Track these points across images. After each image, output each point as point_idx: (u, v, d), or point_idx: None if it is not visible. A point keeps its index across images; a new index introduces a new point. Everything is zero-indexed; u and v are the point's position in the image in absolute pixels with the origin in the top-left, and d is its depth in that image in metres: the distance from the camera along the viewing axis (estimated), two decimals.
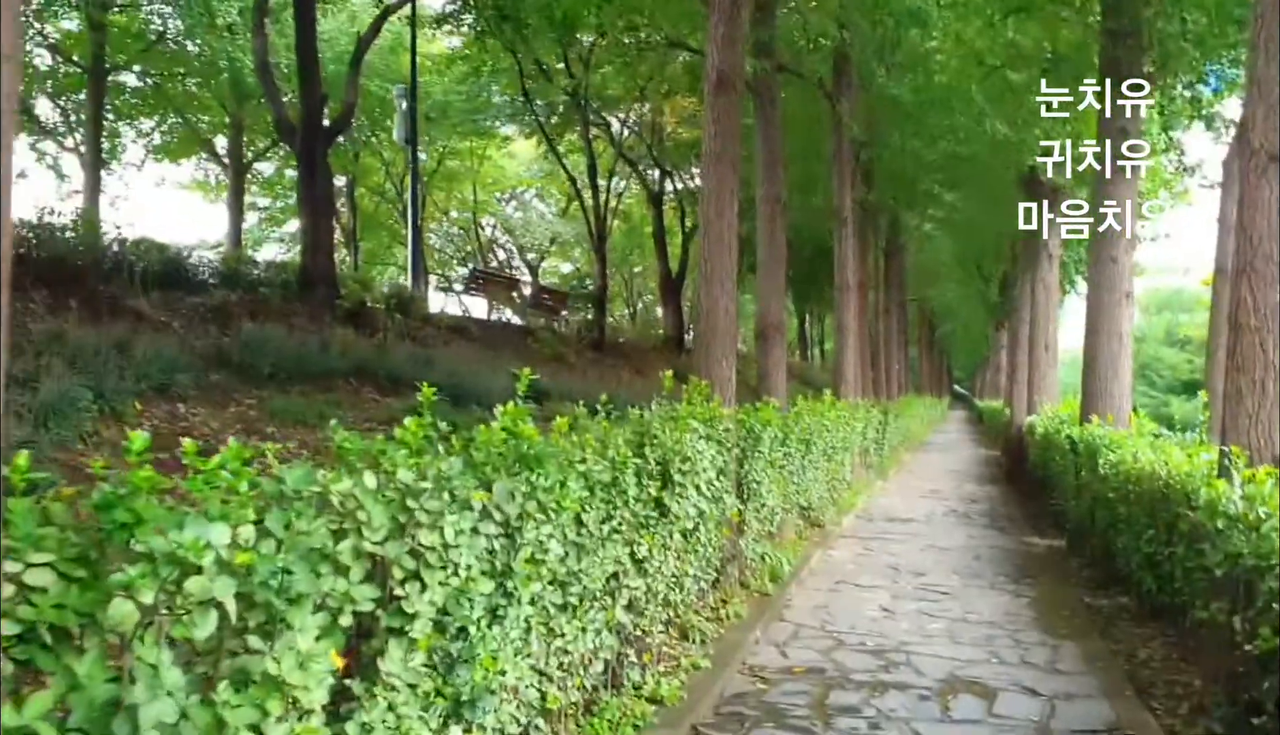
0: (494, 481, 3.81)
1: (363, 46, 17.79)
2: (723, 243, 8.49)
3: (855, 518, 14.47)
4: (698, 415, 7.21)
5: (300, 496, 2.92)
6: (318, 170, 15.55)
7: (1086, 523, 11.12)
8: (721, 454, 7.52)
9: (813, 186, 22.94)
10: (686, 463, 6.29)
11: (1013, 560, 11.36)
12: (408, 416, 3.57)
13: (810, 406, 13.15)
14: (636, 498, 5.45)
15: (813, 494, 12.71)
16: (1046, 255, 18.98)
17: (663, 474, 5.97)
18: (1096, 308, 12.25)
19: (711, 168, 8.49)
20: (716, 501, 7.39)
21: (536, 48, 23.26)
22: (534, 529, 4.05)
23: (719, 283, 8.50)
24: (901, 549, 11.84)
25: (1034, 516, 15.11)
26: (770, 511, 9.86)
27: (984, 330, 48.15)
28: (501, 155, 38.76)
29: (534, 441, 4.10)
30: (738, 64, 8.53)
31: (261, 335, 11.47)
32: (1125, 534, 9.04)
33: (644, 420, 5.95)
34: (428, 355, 14.04)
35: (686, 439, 6.43)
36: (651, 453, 5.78)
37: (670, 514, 6.03)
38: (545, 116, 27.53)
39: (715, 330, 8.50)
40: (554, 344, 21.12)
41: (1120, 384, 12.19)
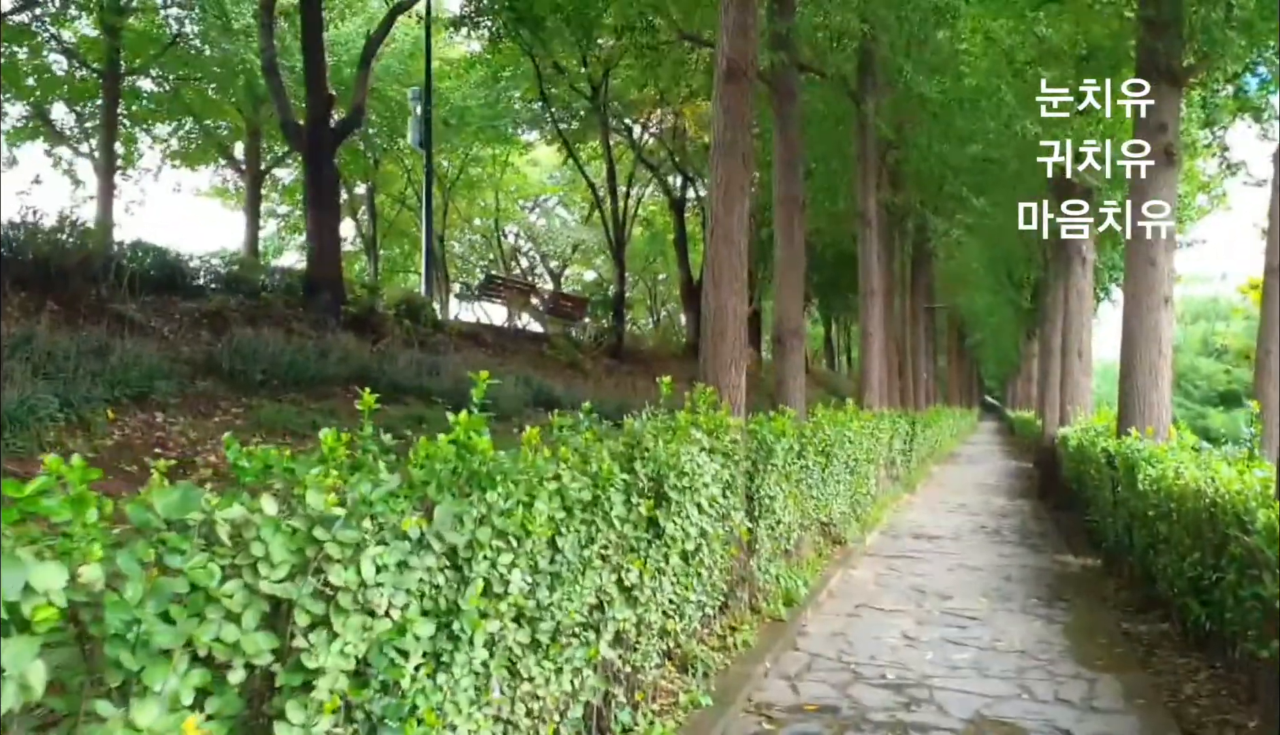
0: (437, 504, 3.28)
1: (372, 46, 17.37)
2: (731, 241, 7.94)
3: (880, 534, 13.84)
4: (701, 425, 6.66)
5: (175, 526, 2.40)
6: (324, 173, 15.11)
7: (1124, 541, 10.46)
8: (728, 467, 6.96)
9: (836, 189, 22.34)
10: (684, 478, 5.72)
11: (1045, 581, 10.71)
12: (408, 426, 3.08)
13: (831, 416, 12.56)
14: (624, 518, 4.90)
15: (834, 509, 12.11)
16: (1080, 260, 18.28)
17: (656, 491, 5.41)
18: (1134, 313, 11.57)
19: (720, 160, 7.94)
20: (722, 519, 6.83)
21: (555, 50, 22.87)
22: (489, 559, 3.51)
23: (727, 283, 7.94)
24: (928, 568, 11.21)
25: (1067, 533, 14.42)
26: (786, 529, 9.28)
27: (1015, 339, 47.25)
28: (524, 162, 38.42)
29: (488, 456, 3.55)
30: (749, 51, 7.97)
31: (255, 341, 11.01)
32: (1167, 555, 8.41)
33: (635, 431, 5.38)
34: (434, 362, 13.54)
35: (685, 451, 5.87)
36: (643, 467, 5.22)
37: (666, 535, 5.47)
38: (565, 121, 27.11)
39: (723, 333, 7.94)
40: (570, 351, 20.60)
41: (1160, 394, 11.51)
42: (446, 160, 34.64)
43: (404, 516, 3.04)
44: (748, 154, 8.01)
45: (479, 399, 3.78)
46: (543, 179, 40.90)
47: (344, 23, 24.57)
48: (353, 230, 36.92)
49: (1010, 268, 32.58)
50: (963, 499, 19.30)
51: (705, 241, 8.15)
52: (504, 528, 3.61)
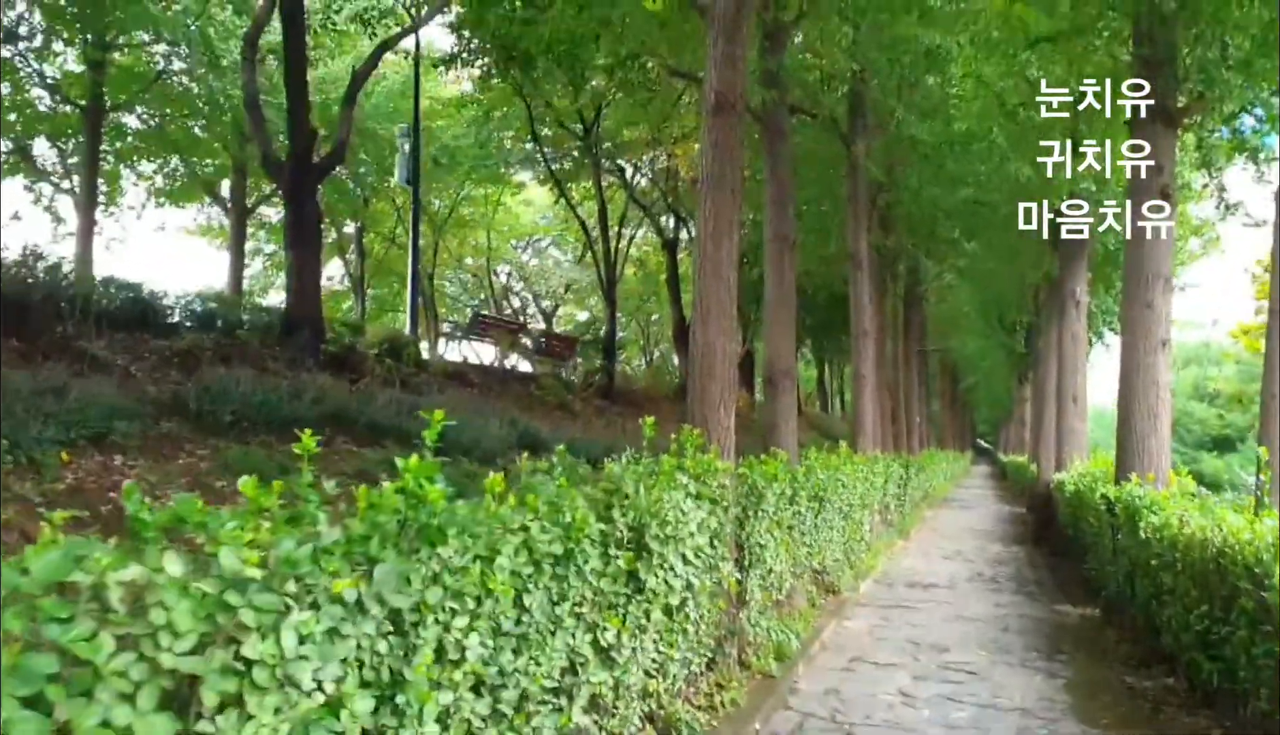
0: (380, 562, 2.93)
1: (357, 82, 17.15)
2: (720, 277, 7.64)
3: (874, 582, 13.45)
4: (688, 469, 6.32)
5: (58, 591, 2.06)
6: (306, 209, 14.81)
7: (1125, 591, 10.10)
8: (716, 514, 6.61)
9: (828, 231, 22.14)
10: (668, 526, 5.38)
11: (1044, 632, 10.33)
12: (384, 470, 2.77)
13: (824, 459, 12.24)
14: (601, 572, 4.55)
15: (827, 557, 11.75)
16: (1074, 303, 18.03)
17: (637, 541, 5.07)
18: (1131, 357, 11.28)
19: (709, 194, 7.65)
20: (710, 570, 6.48)
21: (546, 90, 22.71)
22: (441, 622, 3.16)
23: (716, 320, 7.63)
24: (923, 619, 10.82)
25: (1064, 581, 14.05)
26: (778, 578, 8.92)
27: (1007, 383, 47.07)
28: (517, 202, 38.30)
29: (439, 508, 3.21)
30: (738, 83, 7.72)
31: (225, 380, 10.64)
32: (1171, 607, 8.06)
33: (614, 476, 5.03)
34: (414, 403, 13.17)
35: (669, 498, 5.52)
36: (622, 516, 4.88)
37: (647, 589, 5.11)
38: (556, 161, 26.96)
39: (712, 373, 7.61)
40: (559, 392, 20.27)
41: (1159, 439, 11.20)
42: (438, 199, 34.49)
43: (338, 578, 2.69)
44: (736, 188, 7.73)
45: (432, 440, 3.44)
46: (536, 219, 40.78)
47: (333, 61, 24.43)
48: (341, 269, 36.68)
49: (1002, 312, 32.42)
50: (958, 545, 18.92)
51: (694, 277, 7.84)
52: (459, 587, 3.26)
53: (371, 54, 17.25)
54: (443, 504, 3.22)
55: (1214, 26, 9.20)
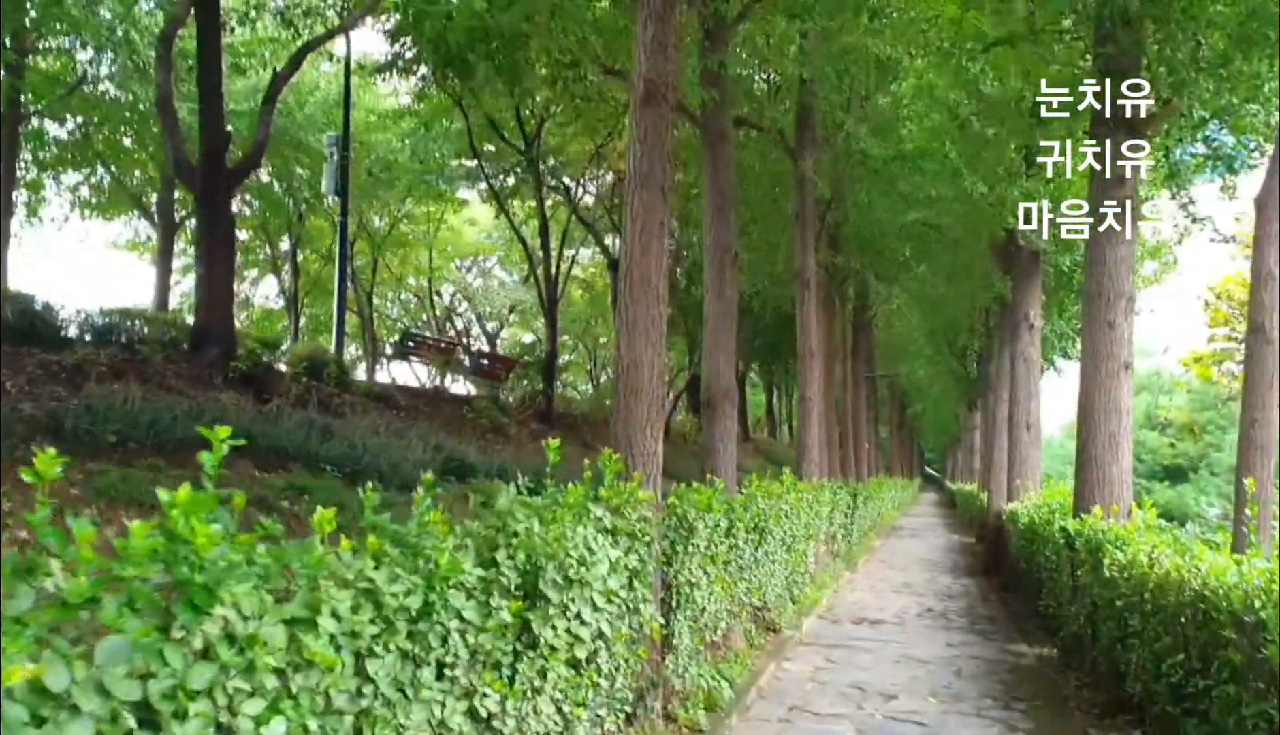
0: (116, 633, 2.07)
1: (279, 81, 16.17)
2: (648, 284, 6.85)
3: (818, 618, 12.69)
4: (604, 500, 5.52)
5: None
6: (218, 215, 13.82)
7: (1085, 632, 9.41)
8: (636, 550, 5.79)
9: (775, 248, 21.51)
10: (571, 568, 4.55)
11: (999, 676, 9.61)
12: (287, 497, 1.94)
13: (766, 487, 11.47)
14: (479, 626, 3.71)
15: (768, 592, 10.97)
16: (1027, 326, 17.48)
17: (531, 587, 4.23)
18: (1092, 380, 10.65)
19: (636, 193, 6.87)
20: (628, 614, 5.65)
21: (486, 103, 21.91)
22: (205, 716, 2.29)
23: (643, 332, 6.83)
24: (870, 661, 10.04)
25: (1018, 617, 13.39)
26: (711, 618, 8.12)
27: (955, 409, 46.76)
28: (462, 221, 37.37)
29: (202, 555, 2.35)
30: (669, 71, 6.97)
31: (109, 397, 9.64)
32: (1139, 651, 7.37)
33: (501, 511, 4.18)
34: (328, 424, 12.25)
35: (575, 534, 4.70)
36: (509, 557, 4.03)
37: (543, 643, 4.27)
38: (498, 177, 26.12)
39: (637, 391, 6.81)
40: (494, 414, 19.35)
41: (1120, 468, 10.56)
42: (378, 217, 33.49)
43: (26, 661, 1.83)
44: (667, 186, 6.96)
45: (213, 464, 2.59)
46: (480, 238, 39.83)
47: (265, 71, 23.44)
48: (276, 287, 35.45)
49: (952, 337, 31.98)
50: (907, 576, 18.25)
51: (619, 286, 7.05)
52: (248, 662, 2.40)
53: (295, 54, 16.30)
54: (215, 551, 2.35)
55: (1186, 24, 8.58)
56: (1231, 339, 30.37)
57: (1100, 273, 10.65)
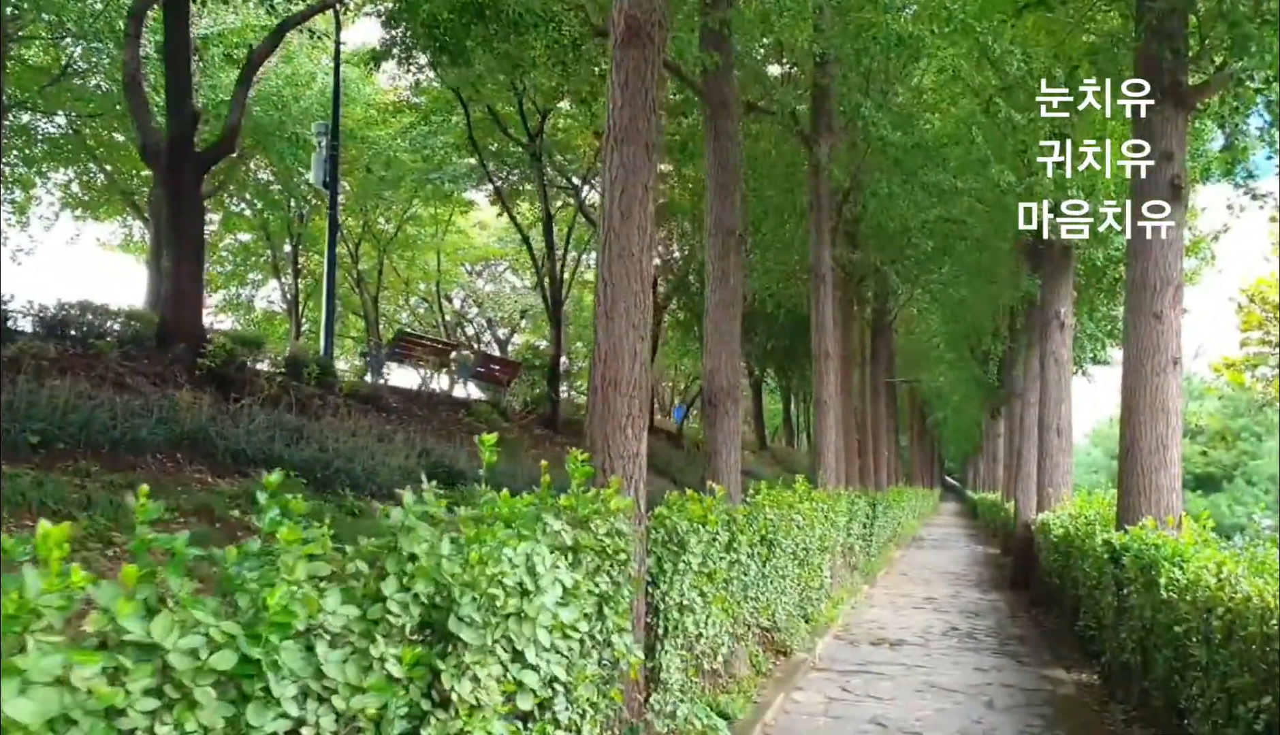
0: None
1: (255, 62, 15.20)
2: (630, 256, 5.84)
3: (834, 638, 11.63)
4: (566, 510, 4.52)
5: None
6: (186, 201, 12.88)
7: (1133, 659, 8.32)
8: (607, 572, 4.78)
9: (790, 246, 20.47)
10: (500, 598, 3.52)
11: (1035, 708, 8.52)
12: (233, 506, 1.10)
13: (776, 496, 10.44)
14: (354, 685, 2.69)
15: (778, 611, 9.92)
16: (1058, 325, 16.34)
17: (442, 628, 3.21)
18: (1136, 378, 9.58)
19: (616, 150, 5.86)
20: (599, 648, 4.65)
21: (487, 93, 21.01)
22: None
23: (624, 313, 5.83)
24: (890, 689, 8.97)
25: (1052, 637, 12.30)
26: (710, 644, 7.09)
27: (977, 417, 45.53)
28: (471, 225, 36.49)
29: None
30: (655, 6, 5.95)
31: (34, 395, 8.66)
32: (1205, 686, 6.29)
33: (392, 526, 3.14)
34: (300, 426, 11.28)
35: (513, 556, 3.68)
36: (401, 589, 3.01)
37: (456, 700, 3.24)
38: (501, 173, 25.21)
39: (616, 382, 5.80)
40: (493, 419, 18.37)
41: (1169, 475, 9.48)
42: (384, 218, 32.62)
43: None
44: (652, 142, 5.93)
45: None
46: (490, 242, 38.92)
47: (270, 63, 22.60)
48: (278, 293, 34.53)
49: (975, 341, 30.84)
50: (929, 591, 17.13)
51: (598, 259, 6.03)
52: None
53: (273, 31, 15.35)
54: None
55: None
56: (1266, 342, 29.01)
57: (1145, 260, 9.60)
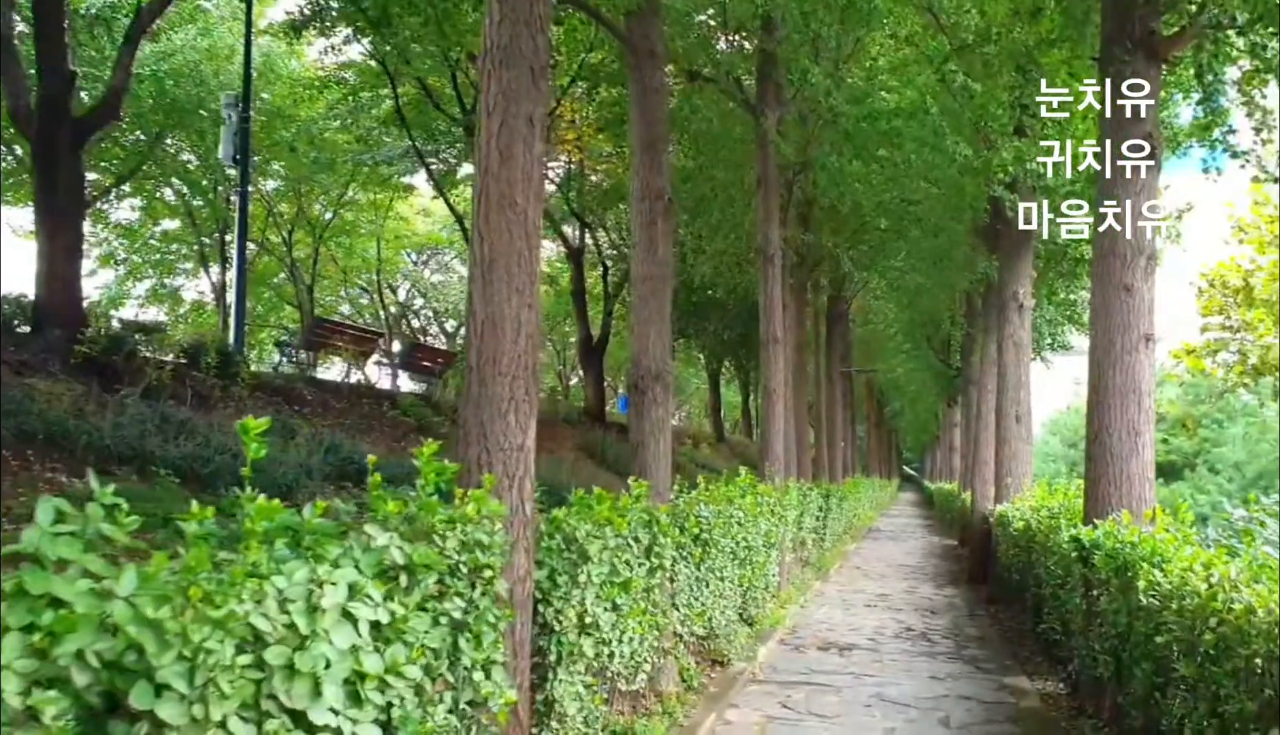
0: None
1: (143, 21, 13.88)
2: (513, 205, 4.81)
3: (779, 643, 10.68)
4: (399, 516, 3.52)
5: None
6: (61, 171, 11.63)
7: (1107, 670, 7.41)
8: (462, 594, 3.77)
9: (739, 229, 19.51)
10: (217, 654, 2.49)
11: (998, 725, 7.62)
12: None
13: (712, 491, 9.49)
14: None
15: (714, 616, 8.96)
16: (1016, 306, 15.51)
17: (109, 700, 2.18)
18: (1105, 356, 8.69)
19: (494, 74, 4.82)
20: (457, 689, 3.64)
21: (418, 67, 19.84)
22: None
23: (503, 276, 4.79)
24: (836, 705, 8.00)
25: (1012, 638, 11.46)
26: (626, 664, 6.09)
27: (934, 407, 45.01)
28: (412, 211, 35.18)
29: None
30: None
31: None
32: (1191, 706, 5.40)
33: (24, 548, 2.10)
34: (183, 420, 10.14)
35: (279, 588, 2.66)
36: (23, 658, 1.97)
37: None
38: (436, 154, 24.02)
39: (497, 358, 4.77)
40: (422, 412, 17.25)
41: (1141, 462, 8.60)
42: (320, 203, 31.27)
43: None
44: (538, 66, 4.90)
45: None
46: (434, 229, 37.59)
47: (176, 32, 21.25)
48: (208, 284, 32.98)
49: (932, 330, 30.10)
50: (883, 587, 16.27)
51: (473, 210, 4.98)
52: None
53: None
54: None
55: None
56: (1226, 328, 28.47)
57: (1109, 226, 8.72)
